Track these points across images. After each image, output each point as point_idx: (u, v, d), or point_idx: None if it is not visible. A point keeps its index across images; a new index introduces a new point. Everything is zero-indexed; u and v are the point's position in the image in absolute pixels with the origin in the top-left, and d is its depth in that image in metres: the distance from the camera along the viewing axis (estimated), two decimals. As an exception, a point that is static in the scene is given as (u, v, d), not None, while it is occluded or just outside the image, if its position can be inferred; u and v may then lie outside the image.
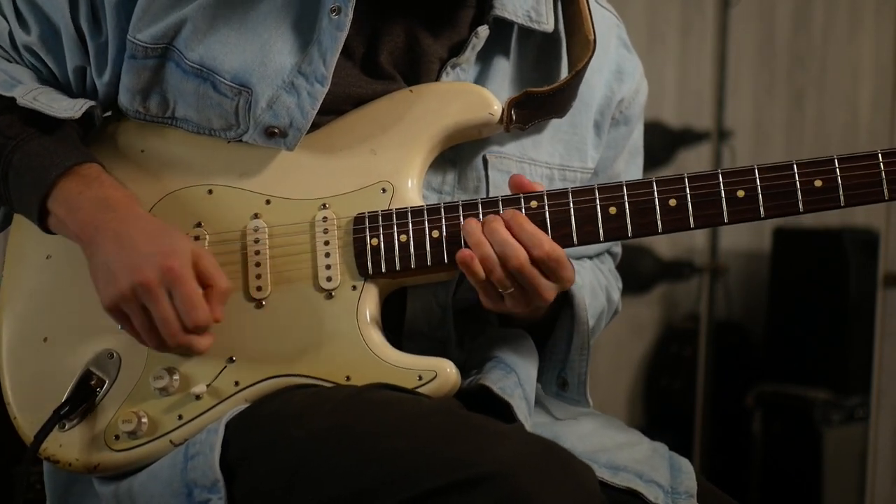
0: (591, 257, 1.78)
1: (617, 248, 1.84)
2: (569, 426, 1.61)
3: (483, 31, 1.57)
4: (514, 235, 1.44)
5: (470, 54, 1.57)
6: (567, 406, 1.65)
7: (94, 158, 1.54)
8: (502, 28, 1.60)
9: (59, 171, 1.50)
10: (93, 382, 1.53)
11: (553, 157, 1.64)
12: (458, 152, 1.59)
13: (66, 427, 1.53)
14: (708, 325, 4.15)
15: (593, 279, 1.70)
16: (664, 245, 4.44)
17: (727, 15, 4.18)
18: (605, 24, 1.69)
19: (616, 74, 1.71)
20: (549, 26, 1.61)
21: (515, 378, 1.55)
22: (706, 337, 4.14)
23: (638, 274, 4.16)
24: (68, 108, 1.54)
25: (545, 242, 1.44)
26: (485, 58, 1.60)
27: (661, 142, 4.02)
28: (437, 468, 1.24)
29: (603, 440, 1.56)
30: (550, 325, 1.63)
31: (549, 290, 1.46)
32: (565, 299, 1.59)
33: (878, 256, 3.16)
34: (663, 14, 4.49)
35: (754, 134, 4.63)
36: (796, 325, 4.36)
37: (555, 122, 1.64)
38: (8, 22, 1.61)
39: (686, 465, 1.56)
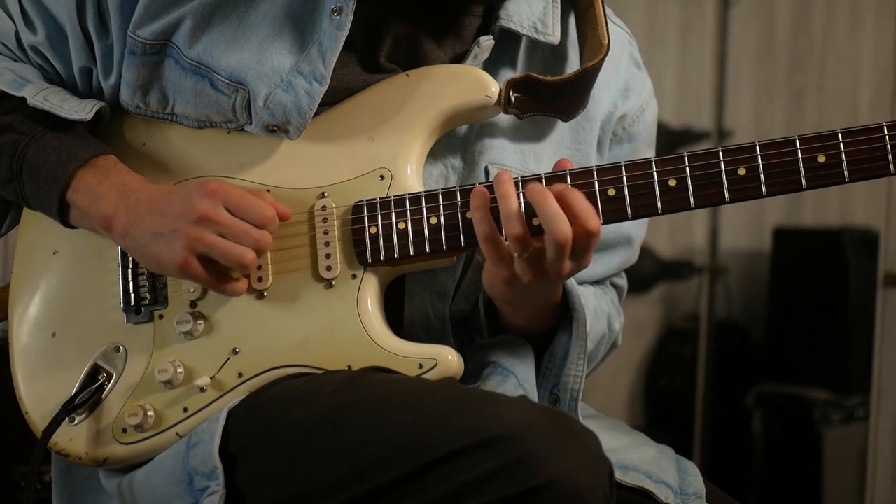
0: (592, 284, 1.75)
1: (622, 280, 1.81)
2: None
3: (485, 41, 1.57)
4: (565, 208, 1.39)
5: (472, 63, 1.57)
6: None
7: (109, 150, 1.55)
8: (509, 39, 1.60)
9: (78, 163, 1.51)
10: (100, 376, 1.54)
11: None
12: (462, 161, 1.59)
13: (76, 421, 1.54)
14: (708, 325, 4.15)
15: (596, 303, 1.68)
16: (664, 245, 4.44)
17: (727, 15, 4.18)
18: (617, 40, 1.68)
19: (622, 91, 1.70)
20: (555, 38, 1.61)
21: (514, 380, 1.55)
22: (706, 337, 4.14)
23: (638, 274, 4.16)
24: (79, 109, 1.55)
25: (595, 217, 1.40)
26: (491, 68, 1.59)
27: (661, 142, 4.01)
28: (446, 435, 1.25)
29: (610, 441, 1.55)
30: (547, 341, 1.62)
31: (569, 270, 1.43)
32: (566, 312, 1.58)
33: (878, 256, 3.16)
34: (663, 14, 4.50)
35: (754, 134, 4.63)
36: (796, 325, 4.36)
37: (557, 136, 1.63)
38: (14, 22, 1.62)
39: (692, 468, 1.56)
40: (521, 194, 1.43)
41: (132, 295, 1.55)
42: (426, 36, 1.57)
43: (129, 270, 1.56)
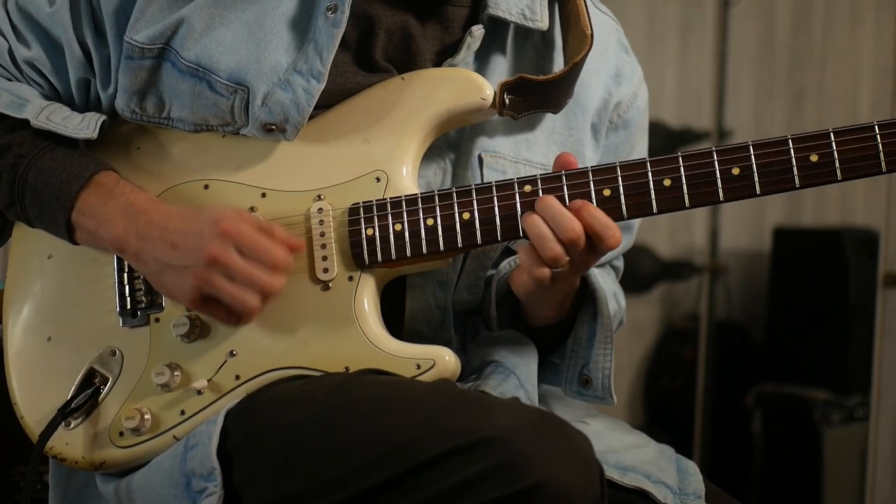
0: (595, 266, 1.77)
1: (619, 261, 1.83)
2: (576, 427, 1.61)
3: (477, 30, 1.58)
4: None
5: (465, 54, 1.58)
6: (572, 409, 1.66)
7: (108, 165, 1.55)
8: (498, 27, 1.61)
9: (80, 184, 1.51)
10: (96, 380, 1.54)
11: (548, 158, 1.63)
12: (454, 151, 1.60)
13: (72, 425, 1.53)
14: (708, 325, 4.15)
15: (604, 283, 1.69)
16: (664, 245, 4.44)
17: (727, 15, 4.18)
18: (604, 27, 1.69)
19: (614, 78, 1.71)
20: (543, 24, 1.62)
21: (515, 380, 1.56)
22: (706, 337, 4.14)
23: (638, 274, 4.17)
24: (83, 126, 1.55)
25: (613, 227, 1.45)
26: (482, 57, 1.61)
27: (661, 142, 4.02)
28: (437, 437, 1.25)
29: (610, 441, 1.56)
30: (570, 325, 1.63)
31: (595, 261, 1.49)
32: (585, 295, 1.60)
33: (878, 256, 3.16)
34: (663, 14, 4.50)
35: (754, 134, 4.63)
36: (796, 325, 4.36)
37: (549, 123, 1.64)
38: (7, 39, 1.61)
39: (693, 467, 1.56)
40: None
41: (128, 299, 1.55)
42: (417, 28, 1.58)
43: (125, 274, 1.56)
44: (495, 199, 1.47)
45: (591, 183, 1.46)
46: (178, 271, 1.45)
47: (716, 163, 1.45)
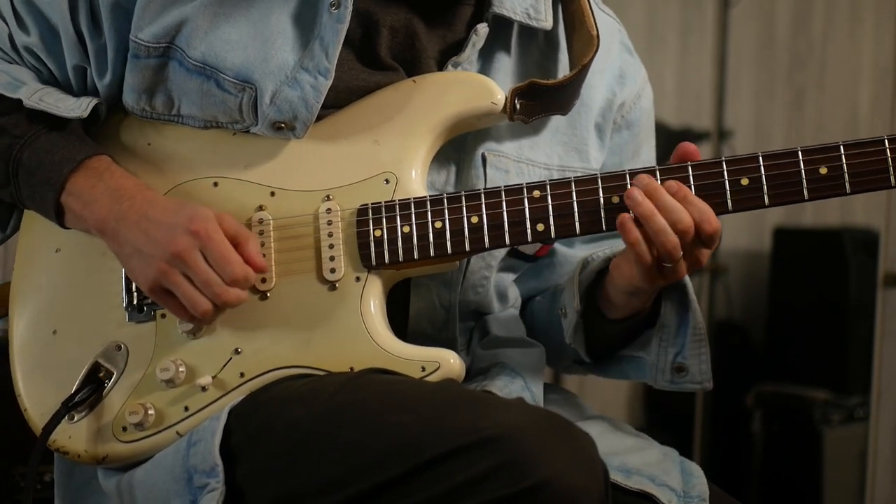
0: None
1: None
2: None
3: (482, 28, 1.58)
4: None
5: (470, 52, 1.58)
6: (574, 410, 1.66)
7: (103, 151, 1.56)
8: (502, 26, 1.61)
9: (71, 166, 1.51)
10: (101, 374, 1.54)
11: (552, 158, 1.64)
12: (458, 150, 1.60)
13: (76, 419, 1.54)
14: (708, 325, 4.14)
15: None
16: (664, 245, 4.43)
17: (727, 15, 4.18)
18: (607, 28, 1.70)
19: (618, 78, 1.71)
20: (547, 24, 1.62)
21: (521, 382, 1.56)
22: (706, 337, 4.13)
23: (638, 274, 4.16)
24: (75, 107, 1.55)
25: (713, 217, 1.44)
26: (486, 56, 1.61)
27: (661, 141, 4.01)
28: (443, 436, 1.25)
29: (614, 443, 1.56)
30: (653, 316, 1.62)
31: (706, 255, 1.48)
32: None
33: (878, 256, 3.17)
34: (663, 14, 4.50)
35: (754, 134, 4.64)
36: (796, 325, 4.37)
37: (552, 123, 1.65)
38: (7, 24, 1.62)
39: (697, 470, 1.56)
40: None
41: (135, 294, 1.55)
42: (421, 26, 1.59)
43: (133, 270, 1.56)
44: (504, 203, 1.48)
45: (601, 190, 1.47)
46: (145, 258, 1.46)
47: (725, 173, 1.46)
